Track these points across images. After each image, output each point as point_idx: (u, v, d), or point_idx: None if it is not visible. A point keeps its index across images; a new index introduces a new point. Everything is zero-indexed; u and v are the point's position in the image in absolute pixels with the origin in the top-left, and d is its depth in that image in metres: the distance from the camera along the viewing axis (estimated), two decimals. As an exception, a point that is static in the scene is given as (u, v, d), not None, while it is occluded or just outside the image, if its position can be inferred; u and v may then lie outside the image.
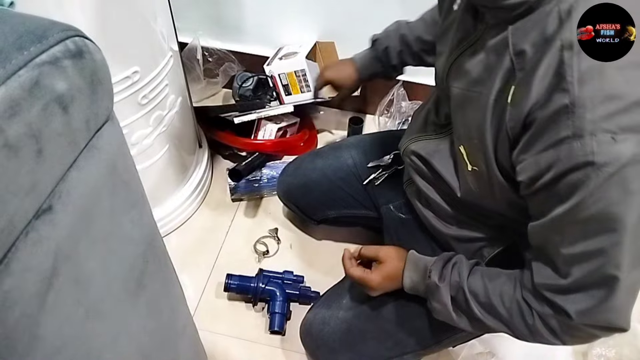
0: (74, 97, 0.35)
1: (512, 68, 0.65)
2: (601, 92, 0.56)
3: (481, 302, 0.77)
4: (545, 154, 0.61)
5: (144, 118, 1.08)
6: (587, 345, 1.18)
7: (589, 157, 0.56)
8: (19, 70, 0.31)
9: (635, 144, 0.55)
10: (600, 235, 0.61)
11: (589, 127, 0.56)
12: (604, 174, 0.56)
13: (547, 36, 0.60)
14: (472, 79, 0.72)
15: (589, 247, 0.62)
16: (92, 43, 0.37)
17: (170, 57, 1.11)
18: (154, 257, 0.58)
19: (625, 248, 0.60)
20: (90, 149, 0.40)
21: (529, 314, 0.72)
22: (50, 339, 0.38)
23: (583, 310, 0.66)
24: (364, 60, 1.16)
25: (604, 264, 0.62)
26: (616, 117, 0.56)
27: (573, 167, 0.58)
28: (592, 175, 0.57)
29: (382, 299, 0.96)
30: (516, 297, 0.74)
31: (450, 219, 0.91)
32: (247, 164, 1.38)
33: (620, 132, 0.55)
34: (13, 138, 0.30)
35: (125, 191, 0.48)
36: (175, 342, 0.72)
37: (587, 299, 0.65)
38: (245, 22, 1.62)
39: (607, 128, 0.56)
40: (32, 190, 0.33)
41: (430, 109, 0.93)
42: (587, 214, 0.60)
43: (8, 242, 0.32)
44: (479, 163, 0.74)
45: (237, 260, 1.33)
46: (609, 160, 0.56)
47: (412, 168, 0.94)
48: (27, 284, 0.34)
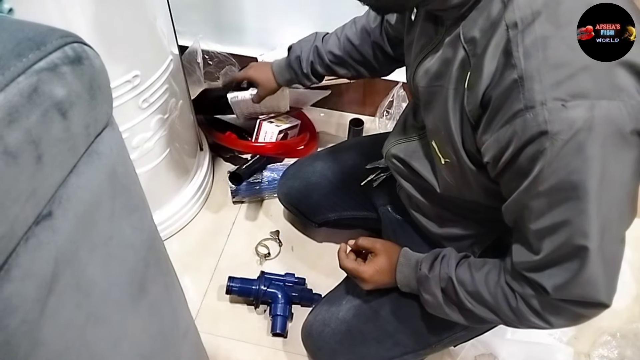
0: (73, 103, 0.35)
1: (466, 56, 0.67)
2: (546, 62, 0.57)
3: (469, 291, 0.78)
4: (502, 130, 0.61)
5: (145, 122, 1.08)
6: (589, 347, 1.18)
7: (542, 127, 0.57)
8: (17, 77, 0.31)
9: (586, 109, 0.55)
10: (563, 204, 0.61)
11: (538, 97, 0.57)
12: (558, 142, 0.56)
13: (493, 19, 0.62)
14: (433, 75, 0.75)
15: (555, 219, 0.62)
16: (90, 49, 0.38)
17: (170, 60, 1.11)
18: (155, 261, 0.58)
19: (590, 216, 0.60)
20: (90, 154, 0.40)
21: (512, 297, 0.73)
22: (51, 345, 0.38)
23: (558, 284, 0.66)
24: (279, 67, 1.20)
25: (571, 235, 0.62)
26: (564, 84, 0.56)
27: (529, 139, 0.58)
28: (547, 145, 0.57)
29: (381, 299, 0.97)
30: (500, 282, 0.75)
31: (437, 218, 0.92)
32: (247, 167, 1.39)
33: (570, 98, 0.56)
34: (13, 145, 0.30)
35: (126, 196, 0.48)
36: (177, 345, 0.72)
37: (561, 272, 0.65)
38: (245, 26, 1.62)
39: (557, 96, 0.56)
40: (32, 196, 0.33)
41: (408, 113, 0.96)
42: (547, 184, 0.60)
43: (8, 248, 0.32)
44: (449, 154, 0.75)
45: (239, 262, 1.34)
46: (562, 128, 0.56)
47: (395, 170, 0.97)
48: (28, 289, 0.34)
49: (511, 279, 0.73)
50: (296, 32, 1.58)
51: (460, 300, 0.79)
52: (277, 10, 1.55)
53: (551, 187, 0.60)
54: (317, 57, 1.13)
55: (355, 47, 1.10)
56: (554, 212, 0.62)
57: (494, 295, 0.75)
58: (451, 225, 0.91)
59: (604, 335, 1.20)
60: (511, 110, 0.60)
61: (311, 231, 1.41)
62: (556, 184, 0.60)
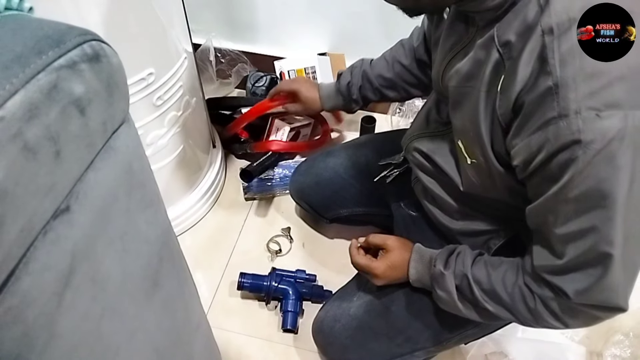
0: (91, 100, 0.36)
1: (500, 59, 0.66)
2: (582, 71, 0.57)
3: (484, 289, 0.78)
4: (534, 136, 0.62)
5: (159, 119, 1.09)
6: (601, 346, 1.17)
7: (575, 136, 0.57)
8: (37, 74, 0.31)
9: (620, 119, 0.56)
10: (591, 212, 0.61)
11: (573, 106, 0.57)
12: (591, 151, 0.57)
13: (529, 24, 0.62)
14: (464, 75, 0.74)
15: (581, 225, 0.63)
16: (108, 47, 0.38)
17: (184, 58, 1.12)
18: (169, 256, 0.59)
19: (616, 224, 0.60)
20: (106, 150, 0.40)
21: (531, 298, 0.73)
22: (67, 337, 0.39)
23: (580, 289, 0.66)
24: (328, 91, 1.21)
25: (597, 242, 0.62)
26: (599, 93, 0.56)
27: (561, 146, 0.59)
28: (580, 153, 0.57)
29: (392, 295, 0.97)
30: (518, 282, 0.75)
31: (456, 213, 0.92)
32: (258, 164, 1.39)
33: (604, 108, 0.56)
34: (32, 140, 0.31)
35: (141, 191, 0.48)
36: (189, 340, 0.73)
37: (584, 278, 0.66)
38: (258, 24, 1.63)
39: (591, 105, 0.56)
40: (51, 191, 0.34)
41: (431, 107, 0.95)
42: (577, 191, 0.60)
43: (27, 241, 0.33)
44: (476, 155, 0.75)
45: (250, 259, 1.34)
46: (595, 137, 0.56)
47: (415, 164, 0.96)
48: (46, 282, 0.35)
49: (531, 280, 0.73)
50: (308, 30, 1.60)
51: (475, 298, 0.79)
52: (289, 8, 1.55)
53: (580, 194, 0.60)
54: (366, 83, 1.15)
55: (405, 68, 1.11)
56: (581, 218, 0.62)
57: (511, 295, 0.75)
58: (469, 220, 0.91)
59: (617, 334, 1.19)
60: (544, 117, 0.60)
61: (322, 228, 1.41)
62: (586, 192, 0.60)
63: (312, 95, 1.23)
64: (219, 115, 1.57)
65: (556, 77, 0.58)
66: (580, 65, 0.57)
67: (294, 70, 1.53)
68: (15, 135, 0.30)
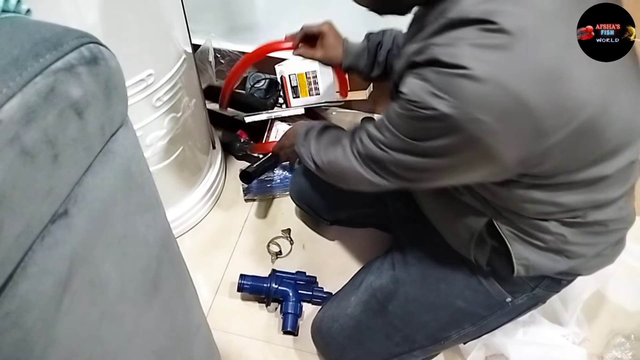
0: (89, 103, 0.36)
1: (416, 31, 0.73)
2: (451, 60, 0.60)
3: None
4: (406, 79, 0.66)
5: (159, 120, 1.09)
6: (602, 349, 1.17)
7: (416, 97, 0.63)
8: (35, 77, 0.31)
9: (445, 106, 0.60)
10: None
11: (427, 75, 0.62)
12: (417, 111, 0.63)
13: (442, 12, 0.66)
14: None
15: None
16: (106, 49, 0.38)
17: (184, 59, 1.12)
18: (168, 259, 0.58)
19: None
20: (105, 154, 0.40)
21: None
22: (66, 342, 0.38)
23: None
24: (353, 47, 1.14)
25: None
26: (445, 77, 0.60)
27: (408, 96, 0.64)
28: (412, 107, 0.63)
29: (389, 294, 0.98)
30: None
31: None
32: (258, 165, 1.39)
33: (440, 90, 0.60)
34: (29, 144, 0.31)
35: (140, 194, 0.48)
36: (189, 342, 0.72)
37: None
38: (258, 24, 1.62)
39: (435, 83, 0.61)
40: (49, 195, 0.34)
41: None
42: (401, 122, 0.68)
43: (25, 246, 0.32)
44: None
45: (251, 260, 1.34)
46: (428, 106, 0.61)
47: None
48: (44, 287, 0.35)
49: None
50: (309, 30, 1.59)
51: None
52: (289, 9, 1.55)
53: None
54: (395, 48, 1.10)
55: None
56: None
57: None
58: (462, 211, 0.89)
59: (618, 337, 1.18)
60: (414, 72, 0.65)
61: (323, 229, 1.41)
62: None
63: (335, 44, 1.14)
64: (222, 119, 1.57)
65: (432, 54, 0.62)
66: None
67: (295, 75, 1.53)
68: (13, 139, 0.29)
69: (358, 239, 1.38)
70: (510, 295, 0.90)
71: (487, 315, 0.93)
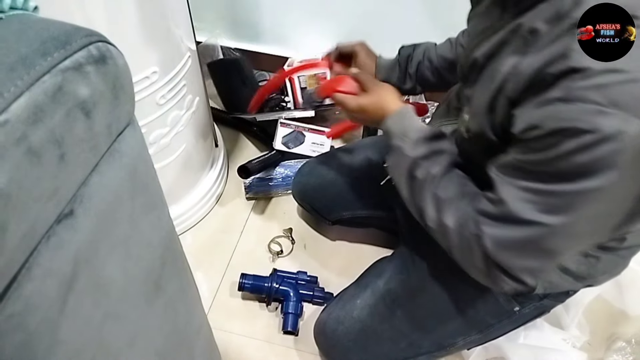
0: (97, 103, 0.35)
1: (523, 43, 0.66)
2: (601, 64, 0.56)
3: (438, 196, 0.78)
4: (537, 110, 0.61)
5: (162, 118, 1.08)
6: (603, 353, 1.17)
7: (569, 123, 0.56)
8: (42, 76, 0.31)
9: (620, 121, 0.54)
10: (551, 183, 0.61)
11: (579, 93, 0.56)
12: (582, 140, 0.56)
13: (560, 14, 0.61)
14: (488, 54, 0.74)
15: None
16: (115, 48, 0.37)
17: (188, 57, 1.11)
18: (172, 259, 0.58)
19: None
20: (111, 153, 0.40)
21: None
22: (69, 343, 0.38)
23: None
24: (386, 62, 1.15)
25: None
26: (608, 89, 0.55)
27: (556, 129, 0.58)
28: (570, 140, 0.57)
29: (398, 300, 0.97)
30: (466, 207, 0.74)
31: None
32: (258, 161, 1.38)
33: (609, 105, 0.54)
34: (36, 144, 0.30)
35: (145, 194, 0.48)
36: (190, 342, 0.72)
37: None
38: (263, 23, 1.62)
39: (595, 99, 0.55)
40: (54, 195, 0.33)
41: (452, 97, 0.95)
42: (554, 169, 0.61)
43: (30, 246, 0.32)
44: (475, 127, 0.75)
45: (252, 259, 1.34)
46: (590, 130, 0.55)
47: None
48: (48, 288, 0.34)
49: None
50: (314, 30, 1.59)
51: (414, 189, 0.81)
52: (293, 7, 1.55)
53: (558, 171, 0.61)
54: (426, 60, 1.11)
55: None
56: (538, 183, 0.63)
57: (455, 209, 0.75)
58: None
59: (619, 341, 1.18)
60: (550, 95, 0.59)
61: (324, 229, 1.41)
62: (554, 172, 0.61)
63: (369, 62, 1.14)
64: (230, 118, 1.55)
65: (574, 62, 0.57)
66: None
67: (305, 77, 1.51)
68: (20, 138, 0.29)
69: (360, 239, 1.38)
70: (518, 304, 0.90)
71: (494, 323, 0.93)
